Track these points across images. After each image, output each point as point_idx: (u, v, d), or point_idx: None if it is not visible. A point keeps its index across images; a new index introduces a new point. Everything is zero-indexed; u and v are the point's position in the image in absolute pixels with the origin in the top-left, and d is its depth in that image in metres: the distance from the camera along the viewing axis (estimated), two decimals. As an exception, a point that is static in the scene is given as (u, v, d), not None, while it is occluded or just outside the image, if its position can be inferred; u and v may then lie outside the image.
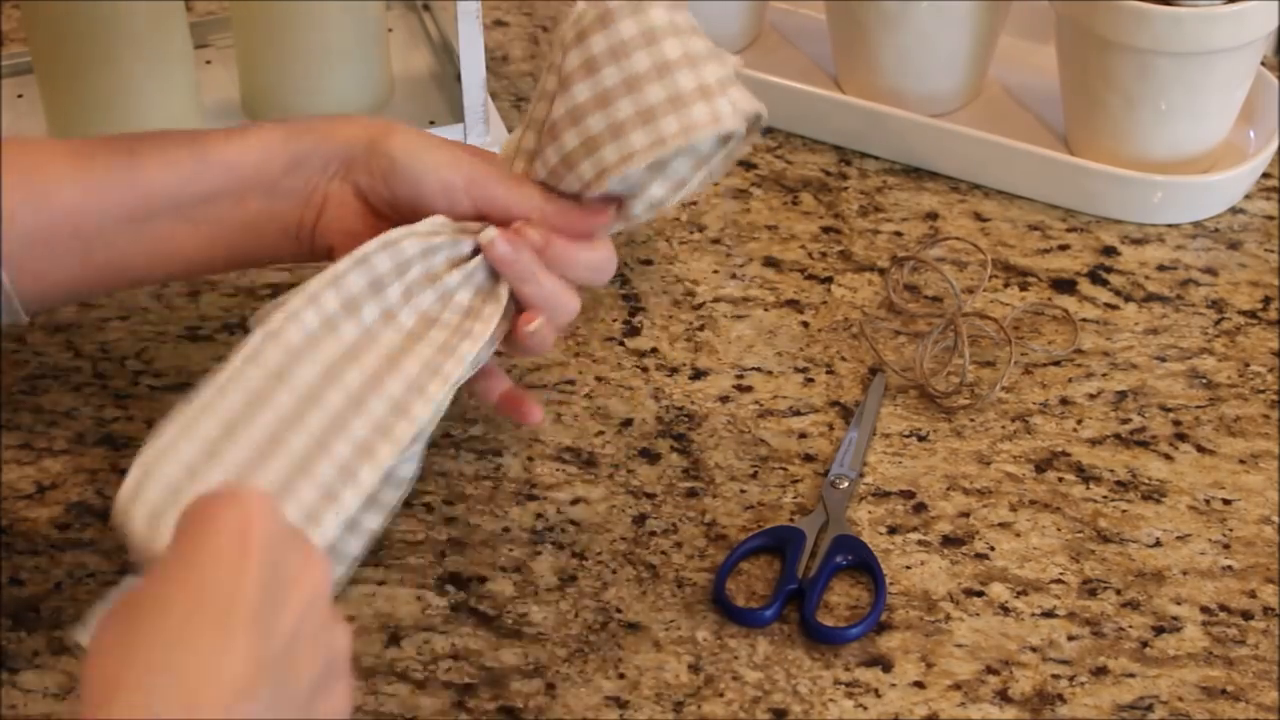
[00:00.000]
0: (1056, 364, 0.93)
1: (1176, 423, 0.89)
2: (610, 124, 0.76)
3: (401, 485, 0.77)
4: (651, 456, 0.88)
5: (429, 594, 0.81)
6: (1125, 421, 0.89)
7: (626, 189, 0.78)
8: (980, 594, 0.81)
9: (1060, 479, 0.87)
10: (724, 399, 0.91)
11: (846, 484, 0.85)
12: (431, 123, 1.05)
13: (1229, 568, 0.82)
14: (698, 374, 0.92)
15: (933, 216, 1.02)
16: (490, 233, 0.77)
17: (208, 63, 1.09)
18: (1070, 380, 0.92)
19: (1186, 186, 1.00)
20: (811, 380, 0.92)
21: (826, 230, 1.01)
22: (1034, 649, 0.79)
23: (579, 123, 0.76)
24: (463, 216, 0.78)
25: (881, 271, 0.98)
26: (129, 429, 0.89)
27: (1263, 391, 0.91)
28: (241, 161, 0.78)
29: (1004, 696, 0.77)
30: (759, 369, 0.92)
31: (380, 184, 0.78)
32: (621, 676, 0.78)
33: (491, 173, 0.79)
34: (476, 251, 0.77)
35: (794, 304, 0.96)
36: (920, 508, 0.85)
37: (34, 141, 0.77)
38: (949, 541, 0.84)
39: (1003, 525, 0.84)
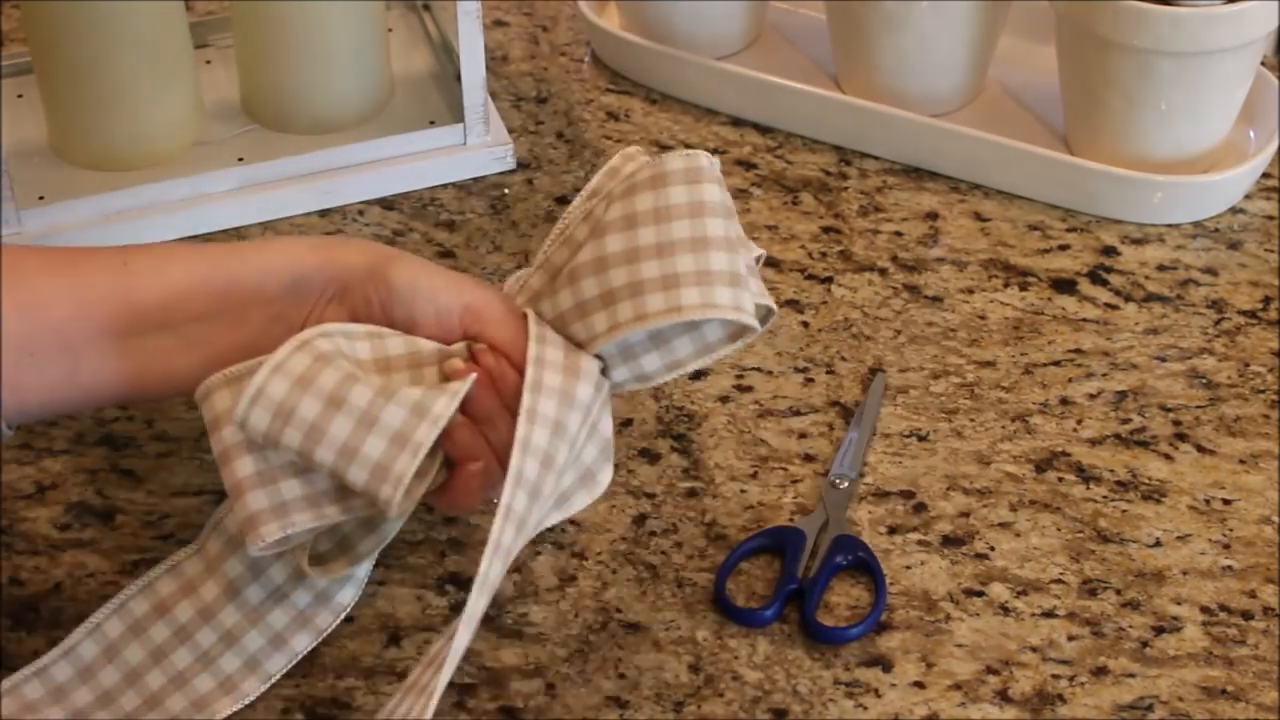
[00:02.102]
0: (1056, 364, 0.93)
1: (1176, 423, 0.89)
2: (632, 281, 0.73)
3: (337, 612, 0.79)
4: (651, 456, 0.88)
5: (429, 594, 0.81)
6: (1125, 421, 0.89)
7: (619, 352, 0.76)
8: (980, 594, 0.81)
9: (1060, 479, 0.87)
10: (724, 399, 0.91)
11: (846, 484, 0.85)
12: (431, 122, 1.05)
13: (1229, 568, 0.82)
14: (698, 374, 0.92)
15: (933, 216, 1.02)
16: (461, 368, 0.74)
17: (208, 63, 1.09)
18: (1070, 380, 0.92)
19: (1187, 186, 1.00)
20: (811, 380, 0.92)
21: (826, 230, 1.01)
22: (1034, 649, 0.79)
23: (602, 273, 0.74)
24: (452, 343, 0.75)
25: (882, 272, 0.98)
26: (129, 429, 0.89)
27: (1263, 391, 0.91)
28: (240, 280, 0.75)
29: (1004, 696, 0.77)
30: (759, 369, 0.92)
31: (376, 310, 0.75)
32: (621, 676, 0.78)
33: (491, 304, 0.76)
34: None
35: (794, 304, 0.96)
36: (920, 508, 0.85)
37: (20, 250, 0.74)
38: (949, 541, 0.84)
39: (1003, 525, 0.84)
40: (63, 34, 0.97)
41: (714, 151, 1.06)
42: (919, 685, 0.77)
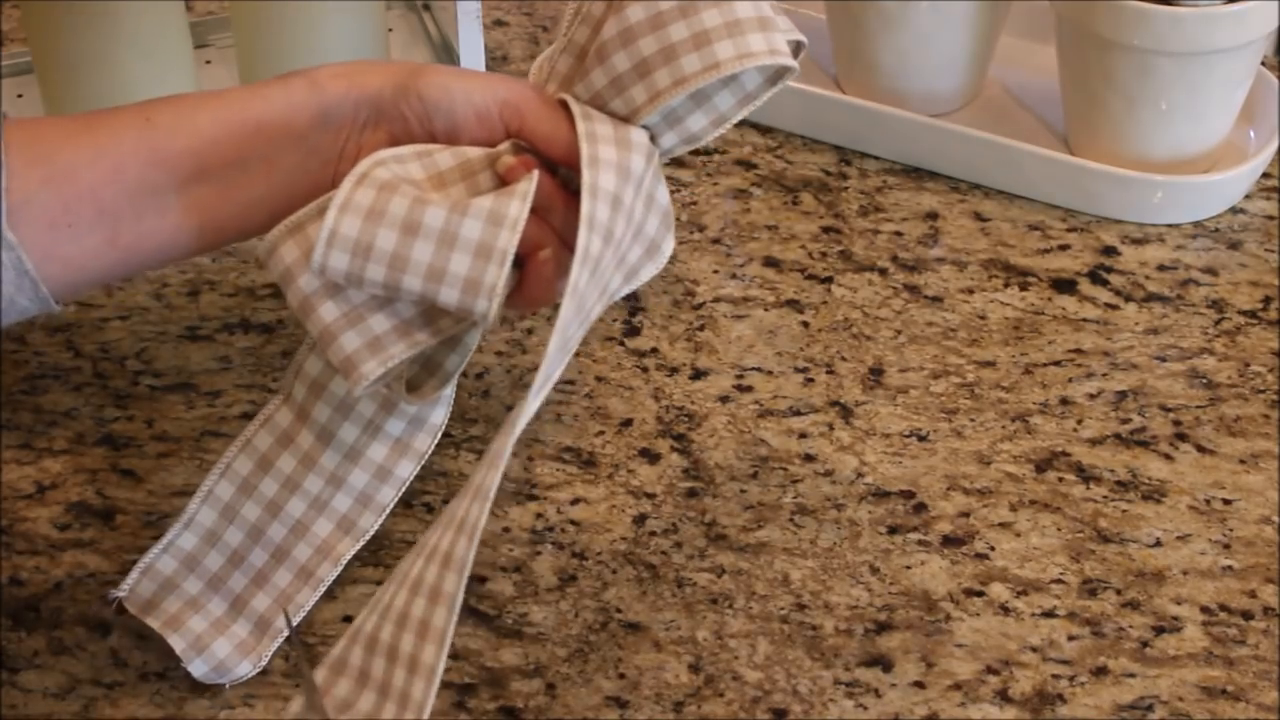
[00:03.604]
0: (1056, 364, 0.93)
1: (1177, 423, 0.89)
2: (663, 47, 0.73)
3: (434, 431, 0.80)
4: (651, 456, 0.88)
5: (429, 594, 0.81)
6: (1125, 421, 0.89)
7: (663, 119, 0.76)
8: (980, 594, 0.81)
9: (1060, 479, 0.87)
10: (724, 399, 0.91)
11: None
12: (431, 123, 1.05)
13: (1229, 568, 0.82)
14: (698, 374, 0.92)
15: (933, 216, 1.02)
16: (516, 165, 0.75)
17: (208, 63, 1.09)
18: (1070, 380, 0.92)
19: (1187, 186, 1.00)
20: (811, 380, 0.92)
21: (826, 230, 1.01)
22: (1034, 649, 0.79)
23: (630, 45, 0.73)
24: (497, 143, 0.76)
25: (882, 272, 0.98)
26: (129, 429, 0.89)
27: (1263, 391, 0.91)
28: (267, 119, 0.74)
29: (1004, 696, 0.77)
30: (759, 369, 0.92)
31: (416, 126, 0.75)
32: (621, 676, 0.78)
33: (527, 96, 0.76)
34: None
35: (794, 304, 0.96)
36: (920, 508, 0.85)
37: (41, 121, 0.74)
38: (949, 541, 0.84)
39: (1003, 525, 0.84)
40: (63, 34, 0.97)
41: (714, 152, 1.06)
42: (919, 685, 0.77)
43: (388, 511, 0.80)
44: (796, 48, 0.77)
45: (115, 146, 0.73)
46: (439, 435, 0.82)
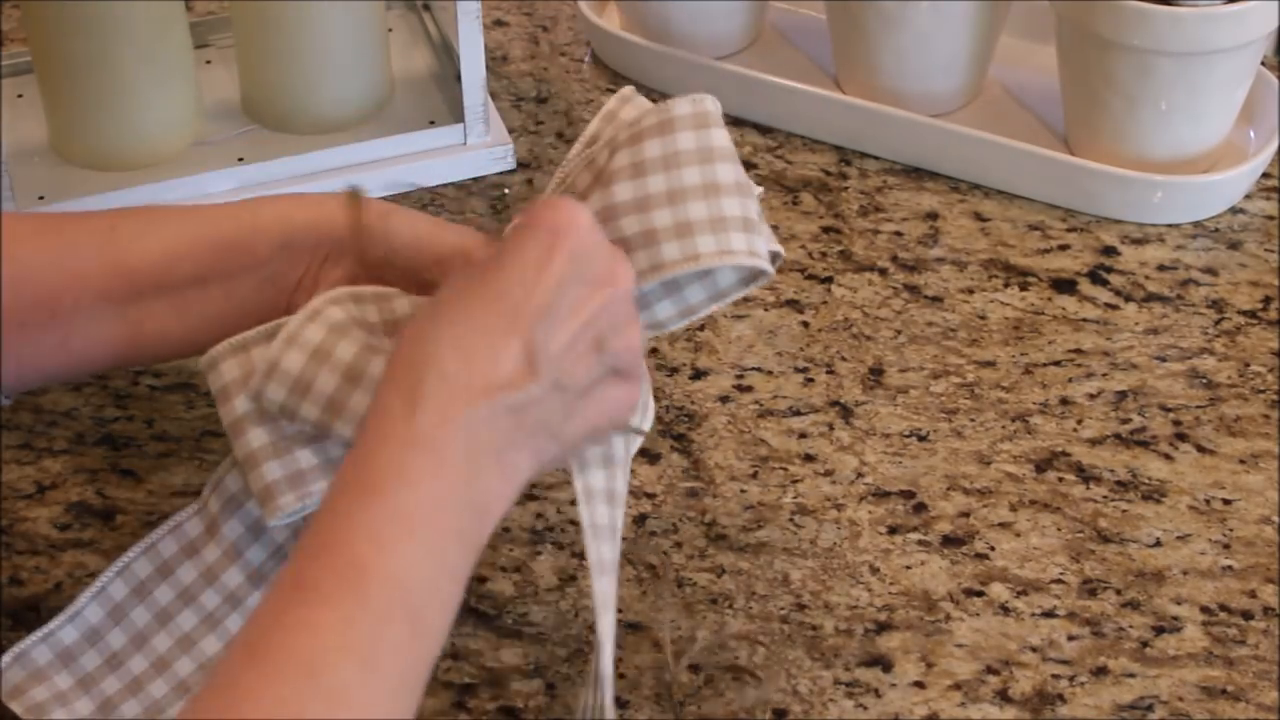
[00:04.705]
0: (1056, 364, 0.93)
1: (1176, 423, 0.89)
2: (644, 230, 0.71)
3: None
4: (651, 456, 0.88)
5: (429, 594, 0.81)
6: (1125, 421, 0.89)
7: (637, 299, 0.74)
8: (980, 594, 0.81)
9: (1060, 479, 0.87)
10: (724, 399, 0.91)
11: None
12: (431, 122, 1.05)
13: (1229, 568, 0.82)
14: (698, 374, 0.92)
15: (933, 216, 1.02)
16: None
17: (208, 63, 1.09)
18: (1070, 380, 0.92)
19: (1186, 186, 1.00)
20: (811, 380, 0.92)
21: (826, 230, 1.01)
22: (1034, 649, 0.79)
23: (612, 222, 0.72)
24: (424, 271, 0.75)
25: (882, 272, 0.98)
26: (129, 429, 0.89)
27: (1263, 391, 0.91)
28: (231, 239, 0.74)
29: (1004, 696, 0.77)
30: (759, 369, 0.92)
31: (375, 266, 0.75)
32: (622, 676, 0.78)
33: (480, 244, 0.75)
34: None
35: (794, 304, 0.96)
36: (920, 508, 0.85)
37: (9, 217, 0.74)
38: (949, 541, 0.84)
39: (1003, 525, 0.84)
40: (62, 34, 0.97)
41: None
42: (919, 685, 0.77)
43: None
44: (774, 258, 0.76)
45: (76, 254, 0.74)
46: None
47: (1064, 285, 0.97)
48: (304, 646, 0.57)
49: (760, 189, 0.78)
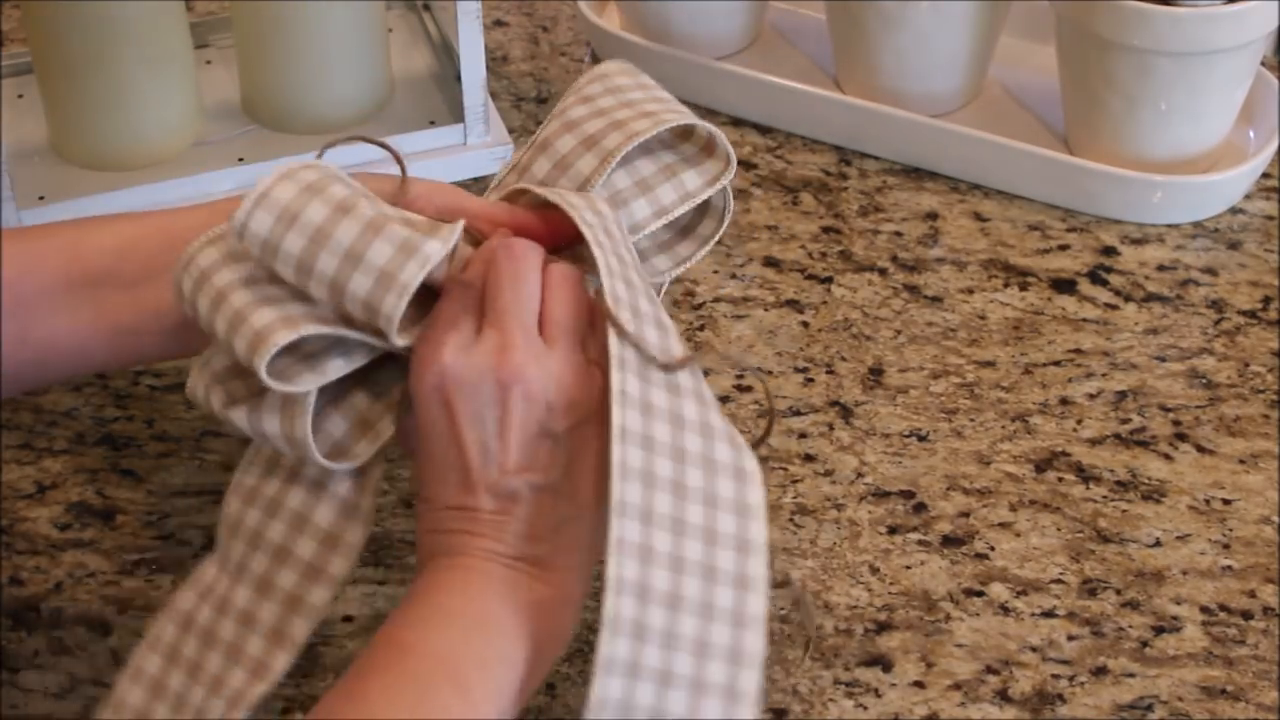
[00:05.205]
0: (1056, 364, 0.93)
1: (1176, 423, 0.89)
2: (611, 120, 0.76)
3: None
4: (651, 456, 0.87)
5: (429, 594, 0.81)
6: (1125, 421, 0.89)
7: (609, 196, 0.76)
8: (980, 594, 0.81)
9: (1060, 479, 0.87)
10: (724, 399, 0.91)
11: None
12: (431, 122, 1.05)
13: (1229, 568, 0.82)
14: (698, 374, 0.92)
15: (933, 216, 1.02)
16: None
17: (208, 63, 1.09)
18: (1070, 380, 0.92)
19: (1186, 186, 1.00)
20: (811, 380, 0.92)
21: (826, 230, 1.01)
22: (1034, 649, 0.79)
23: (575, 129, 0.76)
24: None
25: (882, 272, 0.98)
26: (129, 429, 0.89)
27: (1263, 391, 0.91)
28: (187, 233, 0.72)
29: (1004, 696, 0.77)
30: (759, 369, 0.92)
31: None
32: (621, 676, 0.78)
33: (450, 185, 0.76)
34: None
35: (794, 304, 0.96)
36: (920, 508, 0.85)
37: None
38: (949, 541, 0.84)
39: (1003, 525, 0.84)
40: (63, 34, 0.97)
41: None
42: (919, 685, 0.77)
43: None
44: (724, 199, 0.80)
45: (37, 244, 0.75)
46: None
47: (1064, 285, 0.97)
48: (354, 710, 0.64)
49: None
